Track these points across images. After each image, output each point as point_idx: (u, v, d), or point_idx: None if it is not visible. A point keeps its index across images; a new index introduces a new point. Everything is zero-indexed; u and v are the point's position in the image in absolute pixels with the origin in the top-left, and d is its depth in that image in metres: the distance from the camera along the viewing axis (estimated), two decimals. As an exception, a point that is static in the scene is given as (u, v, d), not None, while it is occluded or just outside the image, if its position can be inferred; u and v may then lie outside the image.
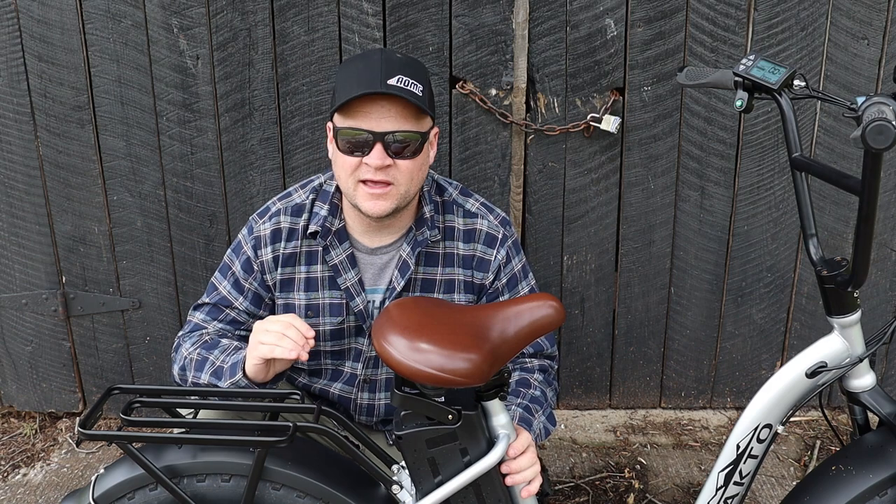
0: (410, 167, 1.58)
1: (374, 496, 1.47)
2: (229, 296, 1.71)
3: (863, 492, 1.38)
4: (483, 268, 1.73)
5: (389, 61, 1.57)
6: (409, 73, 1.56)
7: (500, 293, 1.75)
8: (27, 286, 2.60)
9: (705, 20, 2.34)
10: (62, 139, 2.44)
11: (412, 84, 1.55)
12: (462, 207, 1.74)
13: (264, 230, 1.70)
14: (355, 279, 1.70)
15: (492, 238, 1.73)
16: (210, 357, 1.61)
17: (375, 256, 1.71)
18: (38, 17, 2.33)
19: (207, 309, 1.73)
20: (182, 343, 1.69)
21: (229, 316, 1.72)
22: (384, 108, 1.54)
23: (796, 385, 1.44)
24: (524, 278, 1.77)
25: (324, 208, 1.68)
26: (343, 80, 1.58)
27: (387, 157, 1.54)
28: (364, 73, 1.55)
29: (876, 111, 1.09)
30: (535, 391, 1.68)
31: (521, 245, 1.78)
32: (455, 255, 1.73)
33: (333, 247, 1.68)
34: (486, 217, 1.74)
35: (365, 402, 1.80)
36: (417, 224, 1.69)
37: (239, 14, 2.32)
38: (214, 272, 1.76)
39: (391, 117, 1.54)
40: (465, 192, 1.77)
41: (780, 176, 2.49)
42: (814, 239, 1.39)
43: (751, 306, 2.63)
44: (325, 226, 1.67)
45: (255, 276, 1.71)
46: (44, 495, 2.42)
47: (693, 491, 2.41)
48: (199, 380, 1.59)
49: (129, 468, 1.42)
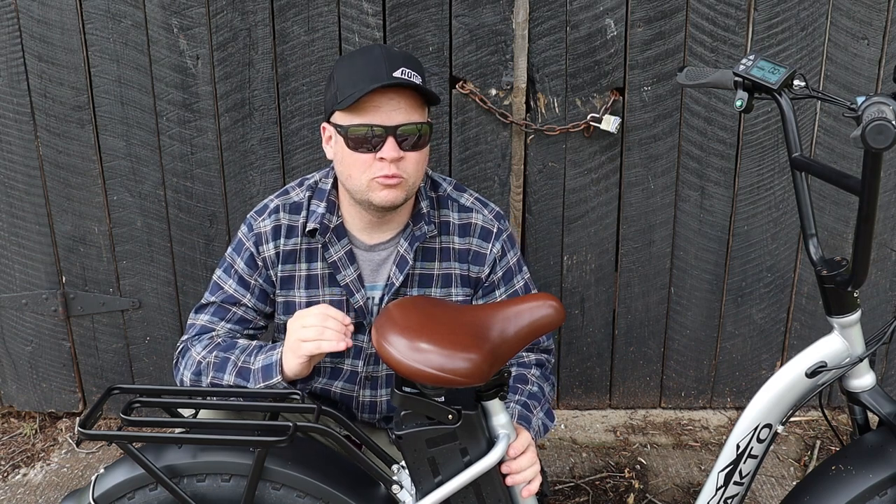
0: (418, 158, 1.60)
1: (374, 496, 1.47)
2: (236, 293, 1.70)
3: (863, 492, 1.38)
4: (479, 261, 1.74)
5: (391, 55, 1.57)
6: (411, 65, 1.58)
7: (495, 286, 1.75)
8: (27, 286, 2.60)
9: (705, 20, 2.34)
10: (62, 139, 2.44)
11: (415, 76, 1.56)
12: (457, 202, 1.75)
13: (265, 227, 1.69)
14: (354, 275, 1.70)
15: (487, 231, 1.73)
16: (231, 357, 1.58)
17: (374, 253, 1.71)
18: (38, 17, 2.33)
19: (213, 309, 1.71)
20: (191, 347, 1.65)
21: (237, 315, 1.70)
22: (394, 101, 1.54)
23: (796, 385, 1.44)
24: (519, 272, 1.78)
25: (321, 206, 1.68)
26: (345, 77, 1.57)
27: (399, 150, 1.55)
28: (368, 68, 1.54)
29: (876, 111, 1.09)
30: (532, 387, 1.69)
31: (514, 239, 1.79)
32: (451, 249, 1.73)
33: (332, 243, 1.69)
34: (480, 211, 1.74)
35: (367, 400, 1.80)
36: (414, 219, 1.70)
37: (239, 14, 2.32)
38: (215, 271, 1.75)
39: (401, 109, 1.55)
40: (459, 188, 1.78)
41: (780, 176, 2.49)
42: (814, 239, 1.39)
43: (751, 306, 2.63)
44: (323, 223, 1.67)
45: (259, 272, 1.70)
46: (44, 495, 2.42)
47: (693, 491, 2.41)
48: (220, 381, 1.57)
49: (129, 468, 1.43)
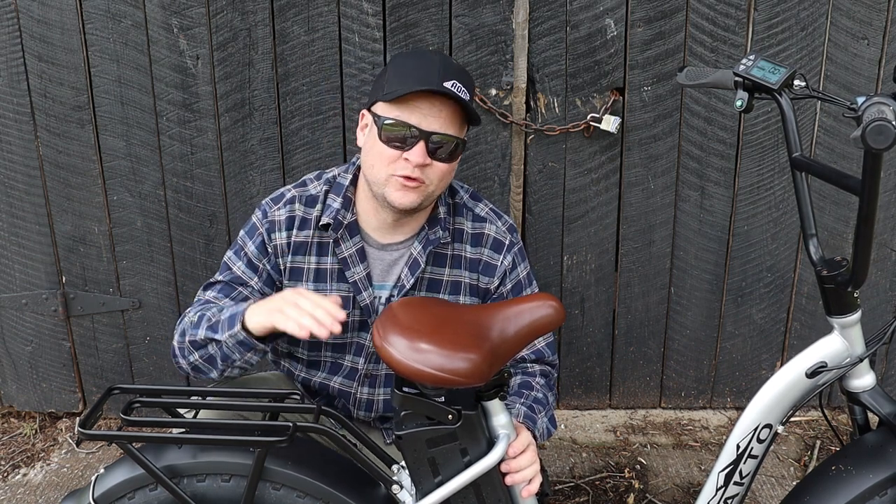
0: (444, 170, 1.60)
1: (374, 496, 1.47)
2: (243, 275, 1.71)
3: (863, 492, 1.38)
4: (489, 272, 1.74)
5: (447, 65, 1.59)
6: (463, 80, 1.59)
7: (504, 299, 1.75)
8: (27, 286, 2.60)
9: (705, 20, 2.34)
10: (62, 139, 2.44)
11: (464, 91, 1.57)
12: (472, 211, 1.75)
13: (279, 216, 1.70)
14: (363, 273, 1.70)
15: (499, 243, 1.74)
16: (207, 314, 1.59)
17: (386, 252, 1.72)
18: (38, 17, 2.33)
19: (220, 287, 1.71)
20: (185, 315, 1.67)
21: (242, 294, 1.70)
22: (435, 108, 1.56)
23: (796, 385, 1.44)
24: (529, 285, 1.78)
25: (336, 201, 1.69)
26: (397, 72, 1.59)
27: (427, 156, 1.56)
28: (421, 70, 1.56)
29: (876, 111, 1.09)
30: (537, 393, 1.70)
31: (525, 253, 1.80)
32: (463, 257, 1.74)
33: (344, 240, 1.69)
34: (494, 223, 1.75)
35: (365, 397, 1.80)
36: (430, 224, 1.71)
37: (239, 14, 2.32)
38: (226, 252, 1.75)
39: (441, 118, 1.56)
40: (475, 197, 1.79)
41: (780, 176, 2.49)
42: (814, 239, 1.39)
43: (751, 306, 2.63)
44: (338, 218, 1.68)
45: (269, 258, 1.71)
46: (44, 495, 2.42)
47: (693, 491, 2.41)
48: (195, 337, 1.56)
49: (129, 468, 1.42)
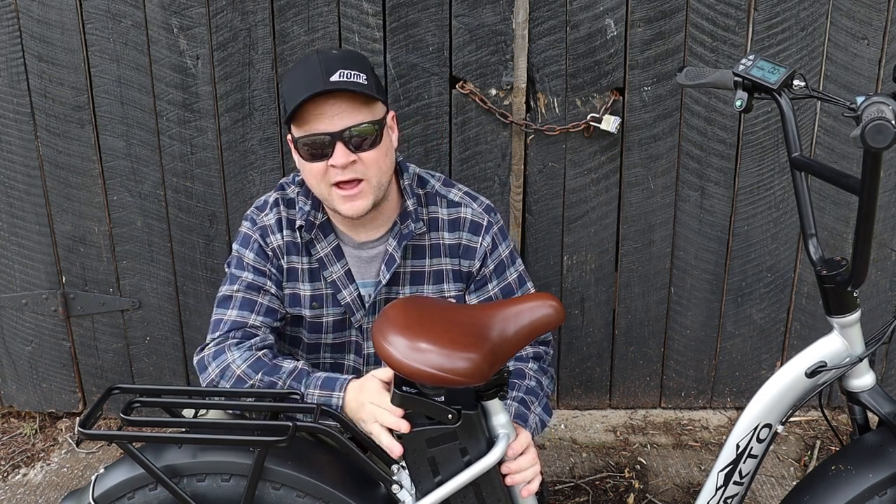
0: (375, 157, 1.59)
1: (374, 496, 1.47)
2: (255, 281, 1.70)
3: (863, 491, 1.38)
4: (469, 255, 1.74)
5: (327, 60, 1.57)
6: (349, 65, 1.57)
7: (487, 280, 1.75)
8: (27, 286, 2.60)
9: (705, 20, 2.34)
10: (62, 139, 2.44)
11: (354, 75, 1.55)
12: (445, 198, 1.75)
13: (268, 220, 1.71)
14: (342, 272, 1.72)
15: (476, 225, 1.74)
16: (279, 383, 1.57)
17: (362, 250, 1.73)
18: (38, 17, 2.33)
19: (239, 302, 1.68)
20: (227, 353, 1.61)
21: (263, 305, 1.69)
22: (334, 107, 1.55)
23: (796, 385, 1.44)
24: (512, 264, 1.78)
25: (307, 203, 1.70)
26: (288, 90, 1.59)
27: (349, 153, 1.56)
28: (307, 76, 1.56)
29: (875, 111, 1.09)
30: (530, 382, 1.70)
31: (506, 232, 1.79)
32: (441, 245, 1.74)
33: (318, 240, 1.71)
34: (469, 205, 1.75)
35: None
36: (402, 218, 1.71)
37: (239, 14, 2.32)
38: (226, 271, 1.74)
39: (343, 113, 1.55)
40: (447, 183, 1.79)
41: (780, 176, 2.49)
42: (814, 239, 1.39)
43: (751, 306, 2.63)
44: (309, 219, 1.69)
45: (270, 261, 1.72)
46: (44, 495, 2.42)
47: (693, 491, 2.41)
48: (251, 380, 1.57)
49: (129, 468, 1.43)
